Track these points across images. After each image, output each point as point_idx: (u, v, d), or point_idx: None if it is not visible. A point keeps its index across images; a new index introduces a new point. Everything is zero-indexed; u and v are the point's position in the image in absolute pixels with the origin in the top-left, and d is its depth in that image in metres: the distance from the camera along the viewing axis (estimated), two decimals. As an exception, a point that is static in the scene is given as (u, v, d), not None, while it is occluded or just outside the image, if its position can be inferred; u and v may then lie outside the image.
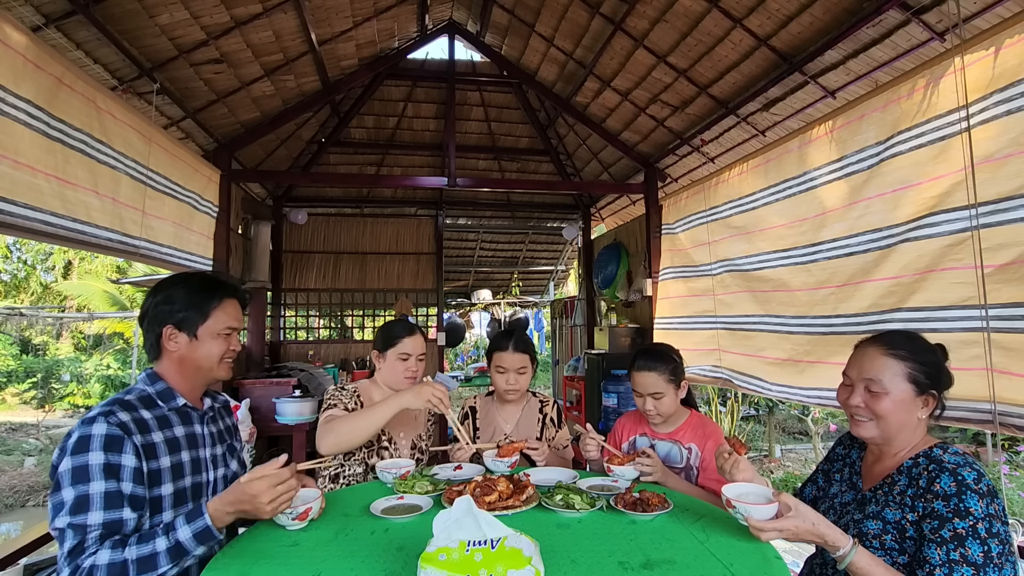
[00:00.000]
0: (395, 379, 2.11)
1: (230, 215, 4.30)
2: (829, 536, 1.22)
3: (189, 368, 1.46)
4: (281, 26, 3.65)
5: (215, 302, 1.47)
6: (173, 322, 1.43)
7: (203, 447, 1.49)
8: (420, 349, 2.14)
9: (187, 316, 1.44)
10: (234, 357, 1.54)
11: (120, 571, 1.17)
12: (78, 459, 1.22)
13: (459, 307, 11.55)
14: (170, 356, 1.45)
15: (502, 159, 6.59)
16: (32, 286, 13.53)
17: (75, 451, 1.23)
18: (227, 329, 1.49)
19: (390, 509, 1.55)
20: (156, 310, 1.44)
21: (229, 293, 1.52)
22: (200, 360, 1.46)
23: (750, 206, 3.53)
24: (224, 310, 1.49)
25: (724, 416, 6.61)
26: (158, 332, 1.43)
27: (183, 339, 1.44)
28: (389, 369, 2.12)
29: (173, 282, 1.48)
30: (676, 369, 1.98)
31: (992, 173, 2.05)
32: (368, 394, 2.12)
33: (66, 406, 11.13)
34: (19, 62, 2.09)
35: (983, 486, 1.18)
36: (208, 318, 1.46)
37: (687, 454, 1.98)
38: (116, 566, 1.17)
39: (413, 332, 2.14)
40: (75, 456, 1.23)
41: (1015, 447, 5.66)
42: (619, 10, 3.71)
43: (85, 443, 1.24)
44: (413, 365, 2.11)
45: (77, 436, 1.25)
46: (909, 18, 2.52)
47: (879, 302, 2.57)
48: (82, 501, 1.20)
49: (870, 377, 1.35)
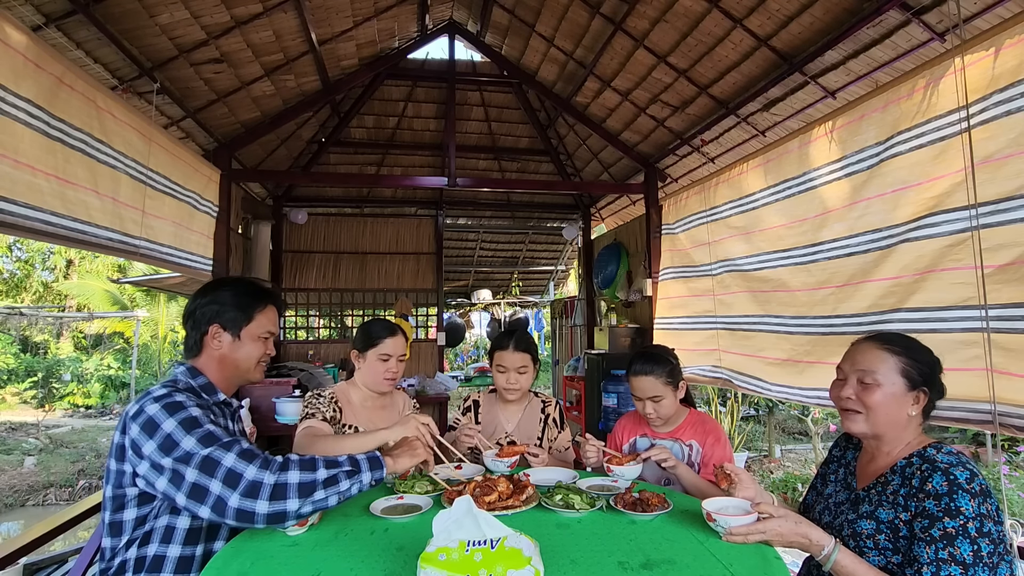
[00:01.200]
0: (374, 380, 2.09)
1: (230, 215, 4.29)
2: (813, 535, 1.23)
3: (229, 367, 1.54)
4: (281, 26, 3.65)
5: (259, 306, 1.56)
6: (220, 321, 1.51)
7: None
8: (401, 350, 2.11)
9: (233, 317, 1.52)
10: (268, 361, 1.62)
11: (310, 465, 1.30)
12: (180, 414, 1.30)
13: (459, 307, 11.55)
14: (211, 354, 1.52)
15: (502, 159, 6.59)
16: (34, 286, 13.54)
17: (172, 411, 1.30)
18: (267, 333, 1.58)
19: (390, 509, 1.55)
20: (203, 310, 1.52)
21: (271, 300, 1.62)
22: (240, 360, 1.54)
23: (750, 206, 3.53)
24: (266, 315, 1.58)
25: (724, 416, 6.61)
26: (204, 330, 1.51)
27: (227, 338, 1.52)
28: (369, 370, 2.09)
29: (220, 285, 1.58)
30: (673, 370, 1.98)
31: (992, 173, 2.05)
32: (346, 397, 2.10)
33: (66, 406, 11.14)
34: (19, 61, 2.09)
35: (975, 486, 1.18)
36: (252, 321, 1.54)
37: (688, 451, 1.98)
38: (306, 461, 1.31)
39: (394, 332, 2.12)
40: (176, 415, 1.30)
41: (1015, 447, 5.66)
42: (619, 10, 3.71)
43: (178, 405, 1.31)
44: (393, 366, 2.09)
45: (164, 402, 1.31)
46: (909, 18, 2.52)
47: (879, 302, 2.57)
48: (208, 436, 1.28)
49: (863, 368, 1.36)
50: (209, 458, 1.25)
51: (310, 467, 1.30)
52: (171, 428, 1.28)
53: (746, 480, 1.47)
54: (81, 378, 11.59)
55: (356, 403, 2.12)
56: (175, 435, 1.27)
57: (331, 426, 1.96)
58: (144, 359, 12.00)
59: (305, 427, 1.91)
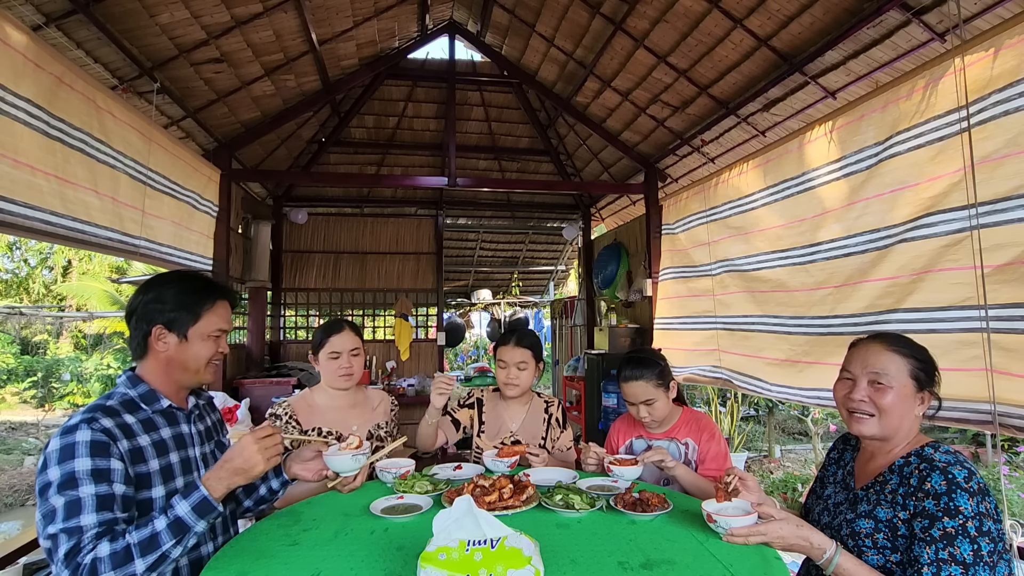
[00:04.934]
0: (331, 379, 2.13)
1: (230, 214, 4.29)
2: (814, 539, 1.22)
3: (176, 369, 1.43)
4: (281, 26, 3.65)
5: (207, 304, 1.44)
6: (163, 322, 1.39)
7: (192, 446, 1.46)
8: (351, 344, 2.12)
9: (178, 317, 1.40)
10: (221, 360, 1.52)
11: (124, 558, 1.14)
12: (65, 467, 1.18)
13: (459, 307, 11.55)
14: (157, 356, 1.41)
15: (502, 159, 6.58)
16: (35, 286, 13.54)
17: (61, 459, 1.19)
18: (217, 331, 1.46)
19: (390, 509, 1.55)
20: (145, 308, 1.40)
21: (221, 295, 1.49)
22: (188, 362, 1.43)
23: (749, 206, 3.53)
24: (216, 312, 1.46)
25: (724, 416, 6.61)
26: (146, 331, 1.39)
27: (172, 340, 1.40)
28: (324, 370, 2.13)
29: (164, 281, 1.45)
30: (663, 372, 1.98)
31: (991, 173, 2.05)
32: (305, 404, 2.11)
33: (66, 405, 11.14)
34: (19, 61, 2.09)
35: (974, 484, 1.18)
36: (199, 320, 1.42)
37: (684, 450, 1.99)
38: (119, 554, 1.14)
39: (340, 329, 2.12)
40: (61, 464, 1.19)
41: (1015, 448, 5.66)
42: (619, 10, 3.71)
43: (70, 451, 1.19)
44: (345, 362, 2.11)
45: (60, 445, 1.20)
46: (909, 19, 2.53)
47: (876, 302, 2.57)
48: (74, 505, 1.16)
49: (877, 370, 1.34)
50: (57, 535, 1.15)
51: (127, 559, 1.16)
52: (50, 480, 1.18)
53: (752, 484, 1.44)
54: (81, 378, 11.58)
55: (322, 405, 2.13)
56: (49, 491, 1.18)
57: (295, 447, 1.94)
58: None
59: None
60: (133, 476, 1.26)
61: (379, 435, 2.19)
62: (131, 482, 1.26)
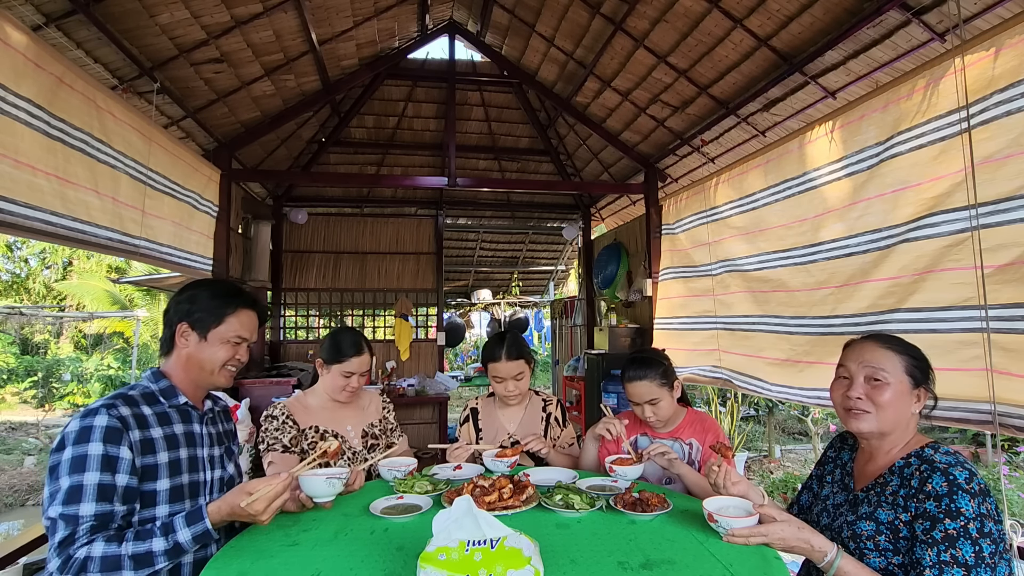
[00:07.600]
0: (334, 391, 2.10)
1: (230, 214, 4.29)
2: (815, 542, 1.22)
3: (193, 367, 1.51)
4: (281, 26, 3.65)
5: (231, 309, 1.53)
6: (189, 320, 1.49)
7: (201, 446, 1.51)
8: (365, 367, 2.10)
9: (202, 317, 1.50)
10: (238, 367, 1.56)
11: (113, 565, 1.19)
12: (78, 449, 1.26)
13: (459, 307, 11.55)
14: (179, 353, 1.50)
15: (502, 159, 6.58)
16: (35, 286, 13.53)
17: (76, 441, 1.27)
18: (237, 337, 1.53)
19: (390, 509, 1.55)
20: (177, 307, 1.51)
21: (247, 304, 1.57)
22: (204, 361, 1.50)
23: (750, 206, 3.53)
24: (238, 318, 1.54)
25: (724, 416, 6.61)
26: (174, 328, 1.50)
27: (194, 338, 1.50)
28: (331, 381, 2.09)
29: (199, 285, 1.56)
30: (667, 372, 1.98)
31: (992, 173, 2.05)
32: (301, 405, 2.10)
33: (66, 405, 11.13)
34: (20, 61, 2.09)
35: (975, 485, 1.18)
36: (221, 323, 1.51)
37: (688, 450, 1.99)
38: (109, 560, 1.19)
39: (362, 351, 2.09)
40: (76, 446, 1.26)
41: (1015, 448, 5.65)
42: (619, 10, 3.71)
43: (87, 433, 1.27)
44: (355, 383, 2.09)
45: (80, 426, 1.28)
46: (909, 19, 2.52)
47: (878, 303, 2.57)
48: (75, 490, 1.22)
49: (874, 366, 1.35)
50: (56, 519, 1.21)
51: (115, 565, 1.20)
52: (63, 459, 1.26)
53: (734, 474, 1.46)
54: (81, 378, 11.58)
55: (315, 406, 2.13)
56: (59, 470, 1.25)
57: (294, 445, 1.97)
58: (144, 359, 12.00)
59: (268, 462, 1.92)
60: (140, 467, 1.32)
61: (373, 433, 2.20)
62: (136, 472, 1.31)
